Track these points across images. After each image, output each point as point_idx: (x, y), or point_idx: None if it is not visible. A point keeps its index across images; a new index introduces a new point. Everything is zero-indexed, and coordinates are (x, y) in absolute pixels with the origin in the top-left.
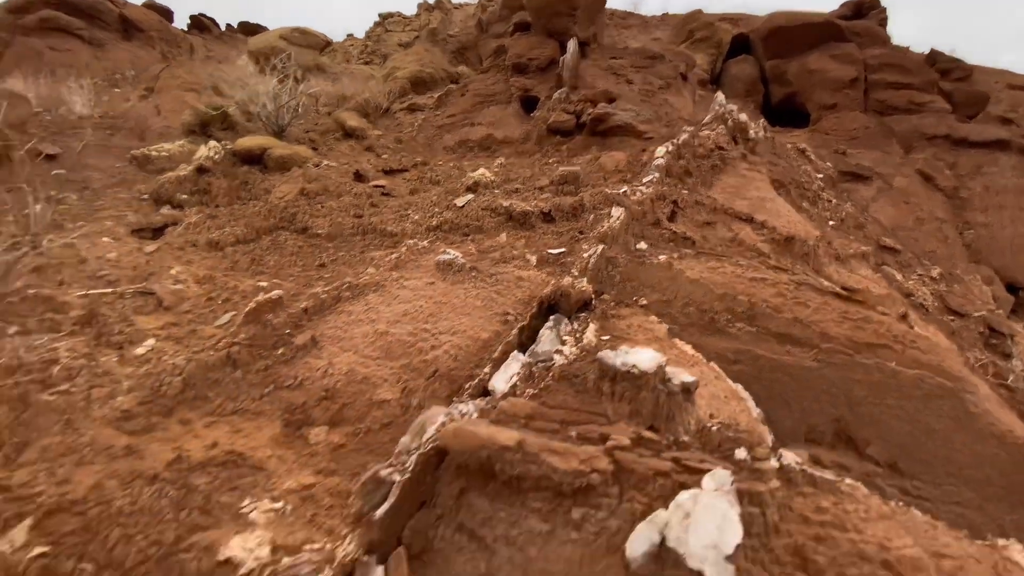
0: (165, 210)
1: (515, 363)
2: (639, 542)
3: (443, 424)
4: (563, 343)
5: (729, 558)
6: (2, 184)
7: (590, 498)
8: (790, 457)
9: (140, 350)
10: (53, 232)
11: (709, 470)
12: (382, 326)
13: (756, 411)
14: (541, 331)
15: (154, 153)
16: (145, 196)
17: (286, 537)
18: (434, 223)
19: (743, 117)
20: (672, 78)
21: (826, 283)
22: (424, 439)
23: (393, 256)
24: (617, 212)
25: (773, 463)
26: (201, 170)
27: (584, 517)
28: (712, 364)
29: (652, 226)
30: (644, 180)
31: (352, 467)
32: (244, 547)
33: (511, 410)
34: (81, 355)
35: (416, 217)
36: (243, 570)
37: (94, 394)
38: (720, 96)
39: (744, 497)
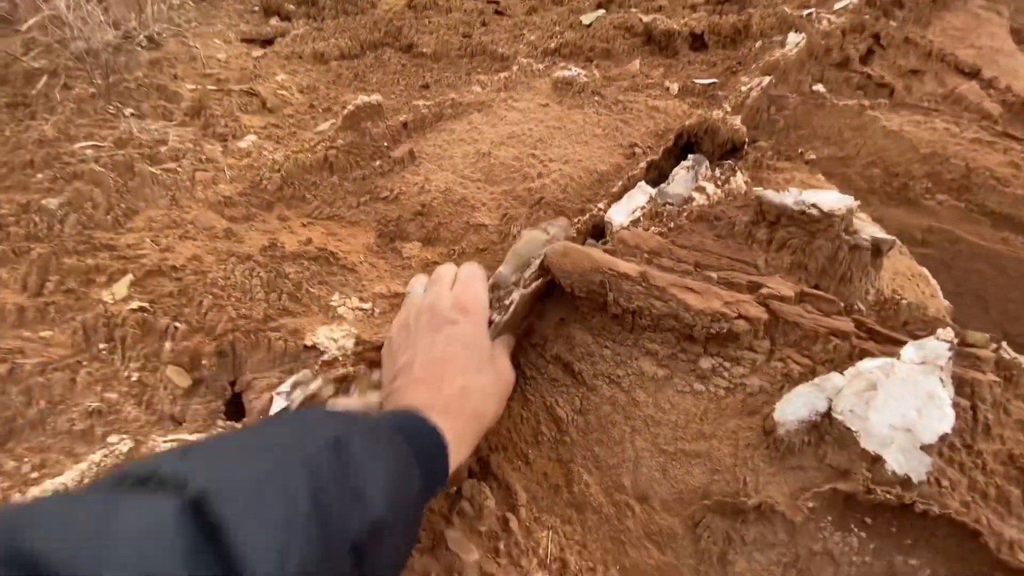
0: (274, 21)
1: (641, 195)
2: (795, 405)
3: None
4: (704, 185)
5: (927, 448)
6: None
7: (728, 348)
8: (1012, 352)
9: (243, 144)
10: (169, 30)
11: (905, 341)
12: (485, 147)
13: (945, 302)
14: (675, 171)
15: None
16: (256, 8)
17: (372, 335)
18: (552, 45)
19: None
20: None
21: None
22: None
23: (502, 75)
24: (795, 39)
25: (991, 353)
26: None
27: (715, 369)
28: (894, 239)
29: (837, 67)
30: (836, 7)
31: None
32: (329, 337)
33: (632, 240)
34: (188, 140)
35: (532, 38)
36: (326, 357)
37: (198, 177)
38: None
39: (954, 383)
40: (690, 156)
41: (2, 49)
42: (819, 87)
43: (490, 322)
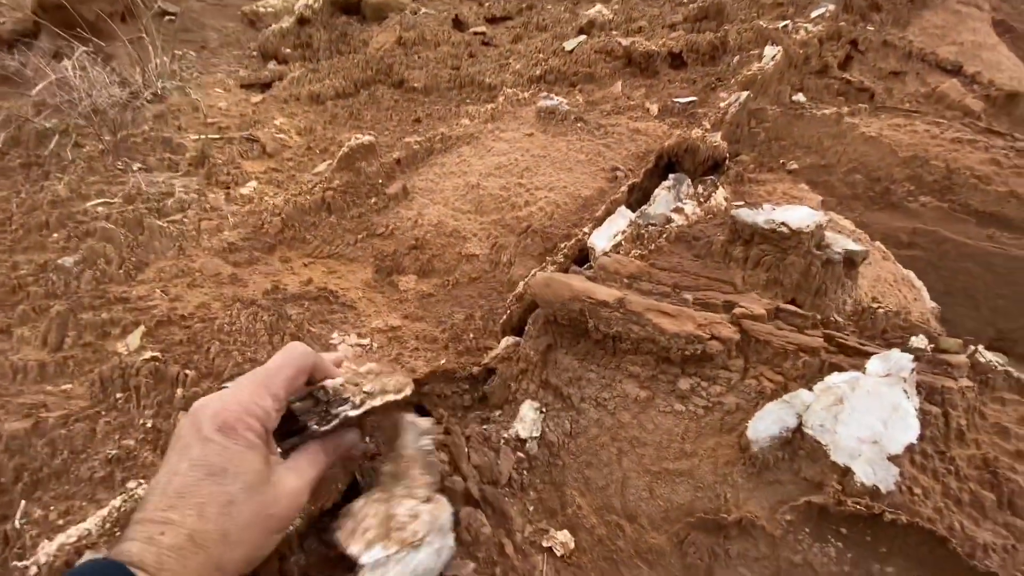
0: (272, 65)
1: (621, 219)
2: (766, 423)
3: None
4: (682, 206)
5: (894, 459)
6: (128, 38)
7: (704, 368)
8: (989, 355)
9: (244, 190)
10: (172, 83)
11: (874, 354)
12: (473, 179)
13: (931, 304)
14: (656, 191)
15: (261, 9)
16: (255, 53)
17: None
18: (537, 73)
19: None
20: None
21: None
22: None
23: (489, 107)
24: (771, 51)
25: (964, 358)
26: (302, 21)
27: (693, 389)
28: (878, 244)
29: (817, 74)
30: (813, 15)
31: (439, 315)
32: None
33: (612, 267)
34: (193, 191)
35: (517, 67)
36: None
37: (203, 225)
38: None
39: (923, 391)
40: (671, 176)
41: (14, 112)
42: (799, 97)
43: (303, 428)
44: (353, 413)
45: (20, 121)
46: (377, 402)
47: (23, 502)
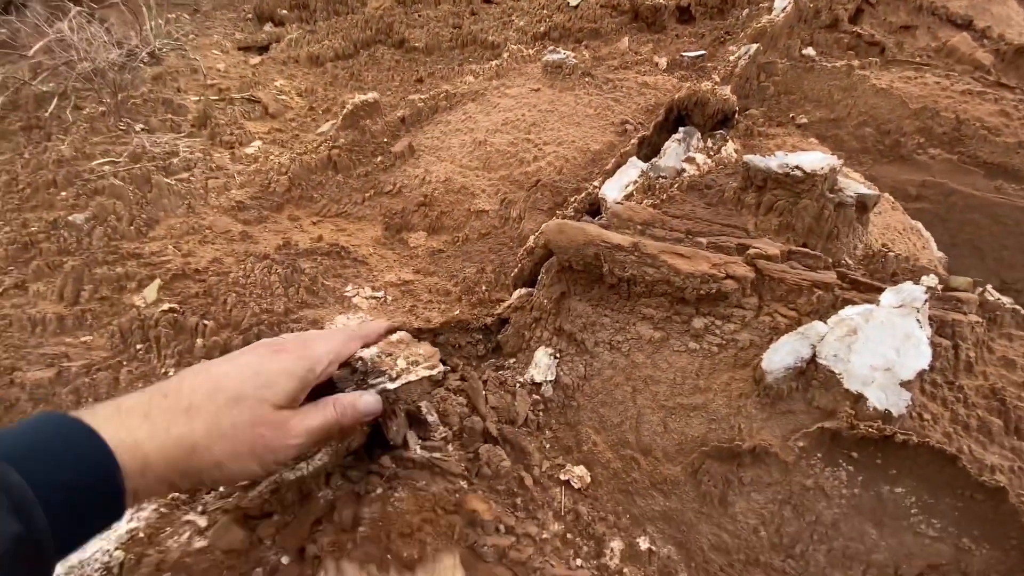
0: (268, 27)
1: (633, 169)
2: (781, 354)
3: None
4: (694, 155)
5: (906, 384)
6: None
7: (718, 307)
8: (997, 294)
9: (249, 150)
10: (168, 44)
11: (886, 288)
12: (480, 135)
13: (939, 254)
14: (666, 144)
15: None
16: (250, 16)
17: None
18: (542, 29)
19: None
20: None
21: None
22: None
23: (494, 63)
24: (781, 3)
25: (973, 295)
26: None
27: (707, 328)
28: (887, 196)
29: (827, 29)
30: None
31: (450, 270)
32: (347, 325)
33: (625, 214)
34: (197, 150)
35: (521, 24)
36: None
37: (210, 184)
38: None
39: (933, 324)
40: (681, 129)
41: (10, 75)
42: (809, 50)
43: (333, 384)
44: (391, 386)
45: (18, 84)
46: (413, 377)
47: None
